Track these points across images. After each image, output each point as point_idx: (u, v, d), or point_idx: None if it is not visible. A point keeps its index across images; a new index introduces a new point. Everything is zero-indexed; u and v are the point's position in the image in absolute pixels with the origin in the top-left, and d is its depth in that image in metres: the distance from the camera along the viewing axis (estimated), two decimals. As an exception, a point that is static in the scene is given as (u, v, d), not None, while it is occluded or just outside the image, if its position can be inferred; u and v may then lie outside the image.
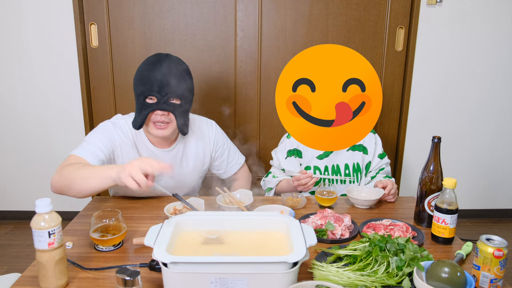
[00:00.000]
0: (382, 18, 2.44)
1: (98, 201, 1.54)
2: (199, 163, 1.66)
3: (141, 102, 1.44)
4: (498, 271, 0.97)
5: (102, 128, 1.50)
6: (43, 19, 2.42)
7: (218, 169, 1.75)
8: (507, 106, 2.65)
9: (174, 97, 1.44)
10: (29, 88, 2.54)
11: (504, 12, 2.46)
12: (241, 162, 1.78)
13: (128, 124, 1.53)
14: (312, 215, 1.36)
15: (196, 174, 1.68)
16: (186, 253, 0.98)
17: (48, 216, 0.94)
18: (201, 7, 2.40)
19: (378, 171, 1.77)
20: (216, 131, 1.70)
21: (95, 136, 1.46)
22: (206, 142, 1.67)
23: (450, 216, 1.20)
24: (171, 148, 1.58)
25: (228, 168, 1.75)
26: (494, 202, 2.87)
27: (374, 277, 0.98)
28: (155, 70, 1.43)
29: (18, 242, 2.54)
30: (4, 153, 2.66)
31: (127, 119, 1.55)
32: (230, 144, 1.77)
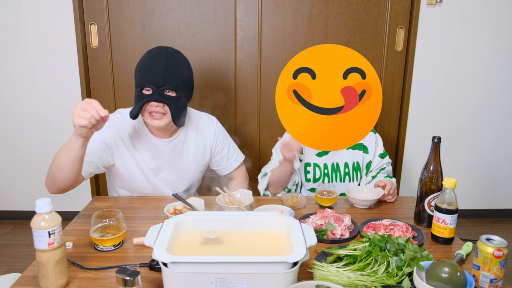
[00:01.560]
0: (382, 18, 2.44)
1: (98, 201, 1.54)
2: (199, 156, 1.68)
3: (138, 93, 1.48)
4: (498, 271, 0.97)
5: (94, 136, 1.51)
6: (43, 19, 2.42)
7: (218, 165, 1.76)
8: (507, 106, 2.65)
9: (169, 89, 1.46)
10: (29, 88, 2.54)
11: (504, 12, 2.46)
12: (241, 159, 1.79)
13: (126, 116, 1.58)
14: (312, 215, 1.36)
15: (197, 168, 1.69)
16: (186, 253, 0.98)
17: (48, 216, 0.94)
18: (201, 7, 2.40)
19: (379, 171, 1.77)
20: (216, 126, 1.72)
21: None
22: (207, 136, 1.69)
23: (450, 216, 1.20)
24: (171, 138, 1.60)
25: (227, 164, 1.75)
26: (494, 202, 2.87)
27: (374, 277, 0.98)
28: (152, 62, 1.47)
29: (18, 242, 2.54)
30: (4, 153, 2.66)
31: (124, 112, 1.60)
32: (230, 140, 1.78)
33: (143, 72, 1.47)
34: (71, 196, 2.68)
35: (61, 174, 1.33)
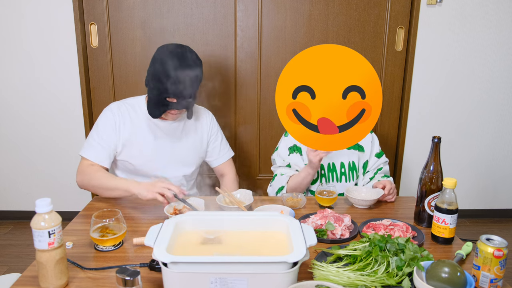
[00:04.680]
0: (382, 18, 2.44)
1: (98, 201, 1.54)
2: (198, 141, 1.77)
3: (162, 99, 1.55)
4: (498, 271, 0.97)
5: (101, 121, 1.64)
6: (43, 19, 2.42)
7: (210, 156, 1.83)
8: (507, 106, 2.65)
9: (191, 97, 1.57)
10: (29, 88, 2.53)
11: (504, 12, 2.46)
12: (231, 154, 1.89)
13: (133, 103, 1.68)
14: (312, 215, 1.36)
15: (196, 153, 1.77)
16: (186, 253, 0.98)
17: (48, 216, 0.94)
18: (201, 7, 2.40)
19: (376, 171, 1.77)
20: (212, 118, 1.83)
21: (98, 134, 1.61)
22: (204, 124, 1.79)
23: (450, 216, 1.20)
24: (173, 121, 1.68)
25: (219, 156, 1.84)
26: (494, 202, 2.87)
27: (374, 277, 0.98)
28: (178, 72, 1.51)
29: (18, 242, 2.54)
30: (4, 153, 2.66)
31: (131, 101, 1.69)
32: (223, 135, 1.88)
33: (170, 83, 1.51)
34: (71, 196, 2.70)
35: (99, 191, 1.54)
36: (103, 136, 1.60)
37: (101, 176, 1.51)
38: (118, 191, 1.47)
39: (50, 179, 2.70)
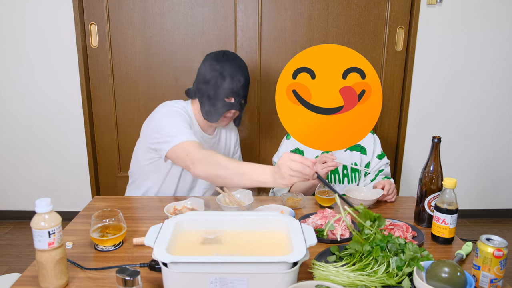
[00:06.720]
0: (382, 18, 2.44)
1: (98, 201, 1.54)
2: (226, 152, 1.84)
3: (221, 100, 1.58)
4: (498, 271, 0.97)
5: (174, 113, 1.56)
6: (43, 19, 2.42)
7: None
8: (507, 106, 2.65)
9: (244, 99, 1.64)
10: (29, 88, 2.53)
11: (504, 12, 2.46)
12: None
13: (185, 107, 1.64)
14: (312, 215, 1.35)
15: None
16: (186, 253, 0.97)
17: (48, 216, 0.94)
18: (201, 7, 2.40)
19: (378, 173, 1.77)
20: (237, 133, 1.90)
21: (179, 123, 1.52)
22: (233, 135, 1.86)
23: (450, 216, 1.20)
24: (213, 135, 1.75)
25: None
26: (494, 202, 2.87)
27: (374, 277, 0.98)
28: (234, 72, 1.58)
29: (18, 242, 2.54)
30: (4, 153, 2.66)
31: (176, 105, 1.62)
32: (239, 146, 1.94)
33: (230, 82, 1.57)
34: (71, 196, 2.70)
35: (235, 180, 1.30)
36: (183, 123, 1.52)
37: (228, 159, 1.35)
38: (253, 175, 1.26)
39: (50, 179, 2.70)
